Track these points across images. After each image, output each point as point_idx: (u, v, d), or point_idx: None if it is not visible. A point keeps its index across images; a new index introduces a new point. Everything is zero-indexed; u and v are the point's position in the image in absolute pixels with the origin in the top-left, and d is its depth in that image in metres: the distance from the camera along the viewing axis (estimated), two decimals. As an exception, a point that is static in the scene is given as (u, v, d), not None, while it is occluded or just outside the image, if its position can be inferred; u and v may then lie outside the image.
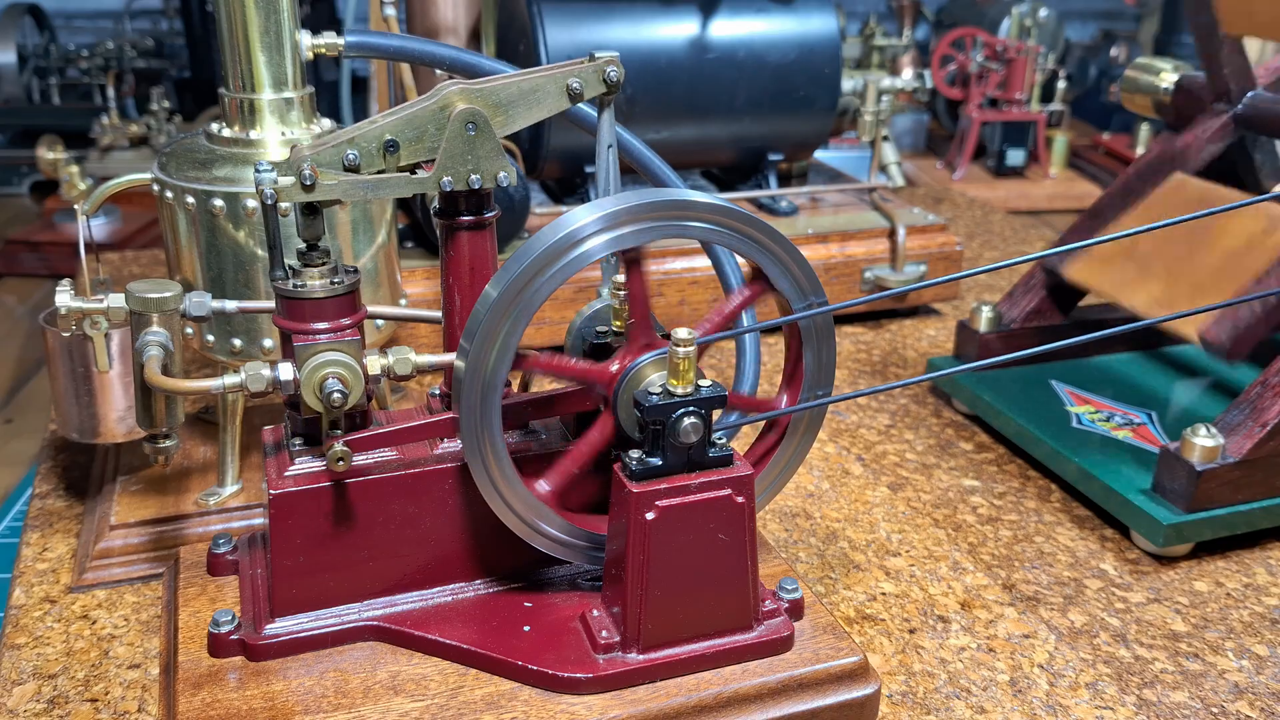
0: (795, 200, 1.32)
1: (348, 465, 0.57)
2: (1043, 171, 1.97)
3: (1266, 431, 0.78)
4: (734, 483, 0.57)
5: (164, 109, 1.78)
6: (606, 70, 0.59)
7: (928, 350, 1.19)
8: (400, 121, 0.57)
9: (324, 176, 0.55)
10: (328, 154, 0.55)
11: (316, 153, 0.55)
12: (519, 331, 0.54)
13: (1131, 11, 2.97)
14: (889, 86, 1.30)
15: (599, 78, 0.60)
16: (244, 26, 0.72)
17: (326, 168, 0.55)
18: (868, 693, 0.59)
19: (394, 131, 0.56)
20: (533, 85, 0.59)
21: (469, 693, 0.56)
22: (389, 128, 0.56)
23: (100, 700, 0.63)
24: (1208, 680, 0.67)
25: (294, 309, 0.57)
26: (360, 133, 0.56)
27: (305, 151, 0.55)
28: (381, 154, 0.56)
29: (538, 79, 0.59)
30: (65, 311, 0.67)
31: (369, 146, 0.56)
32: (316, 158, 0.55)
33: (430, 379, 1.03)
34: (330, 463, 0.56)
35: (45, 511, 0.82)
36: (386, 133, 0.56)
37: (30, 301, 1.41)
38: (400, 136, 0.57)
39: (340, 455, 0.56)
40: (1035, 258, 0.63)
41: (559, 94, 0.59)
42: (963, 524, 0.84)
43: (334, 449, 0.56)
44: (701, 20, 1.22)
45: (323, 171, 0.55)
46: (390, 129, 0.56)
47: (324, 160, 0.55)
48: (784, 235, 0.58)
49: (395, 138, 0.56)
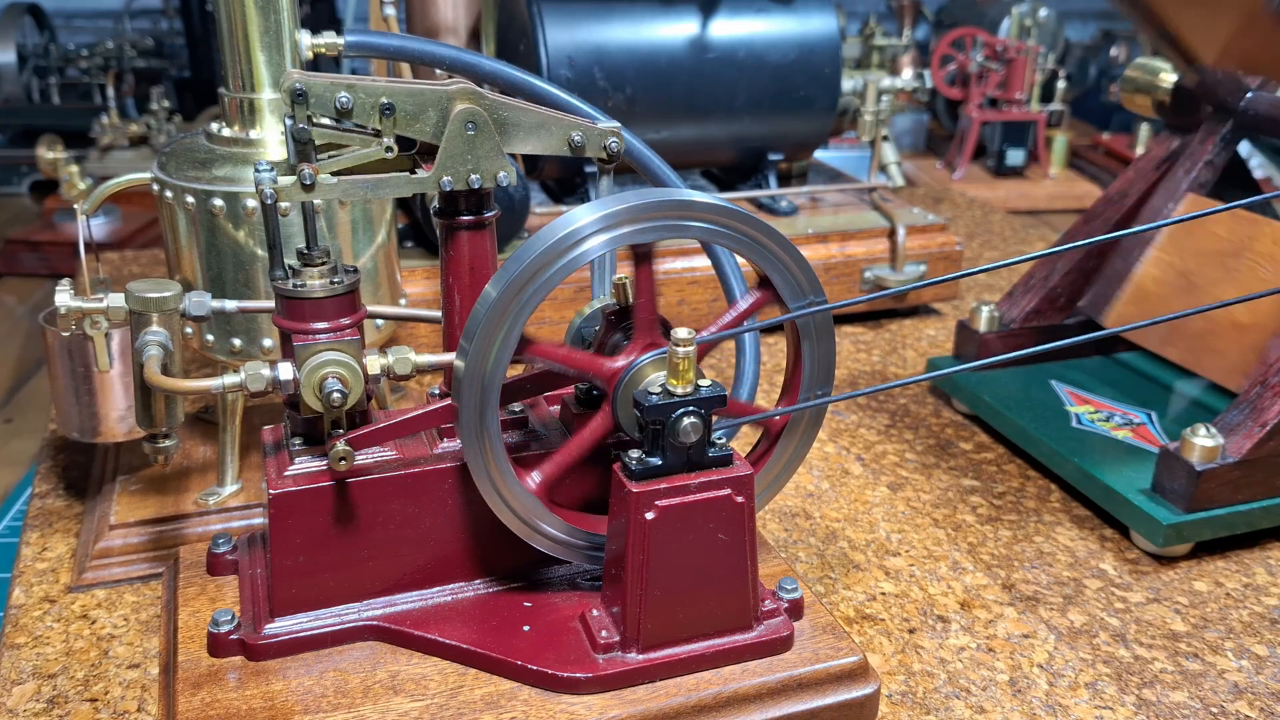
0: (795, 200, 1.32)
1: (350, 465, 0.56)
2: (1043, 171, 1.97)
3: (1266, 431, 0.78)
4: (734, 482, 0.57)
5: (164, 109, 1.78)
6: (607, 140, 0.60)
7: (928, 350, 1.19)
8: (405, 91, 0.56)
9: (324, 176, 0.55)
10: (320, 86, 0.54)
11: (309, 81, 0.54)
12: (518, 331, 0.54)
13: (1131, 11, 2.96)
14: (889, 86, 1.30)
15: (599, 143, 0.60)
16: (244, 26, 0.72)
17: (315, 102, 0.54)
18: (867, 692, 0.59)
19: (395, 96, 0.55)
20: (539, 121, 0.59)
21: (469, 692, 0.56)
22: (392, 91, 0.55)
23: (100, 700, 0.63)
24: (1207, 680, 0.67)
25: (294, 309, 0.57)
26: (361, 83, 0.55)
27: (295, 75, 0.54)
28: (376, 113, 0.55)
29: (546, 117, 0.59)
30: (65, 311, 0.67)
31: (365, 99, 0.55)
32: (307, 83, 0.54)
33: (430, 379, 1.03)
34: (332, 462, 0.56)
35: (45, 511, 0.82)
36: (387, 95, 0.55)
37: (30, 301, 1.41)
38: (400, 104, 0.55)
39: (342, 455, 0.56)
40: (1035, 257, 0.63)
41: (560, 140, 0.59)
42: (962, 524, 0.84)
43: (336, 448, 0.56)
44: (701, 20, 1.22)
45: (321, 170, 0.55)
46: (392, 93, 0.55)
47: (314, 91, 0.54)
48: (784, 235, 0.58)
49: (394, 103, 0.55)
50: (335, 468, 0.56)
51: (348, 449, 0.56)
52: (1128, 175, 1.04)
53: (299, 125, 0.54)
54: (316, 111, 0.55)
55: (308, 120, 0.55)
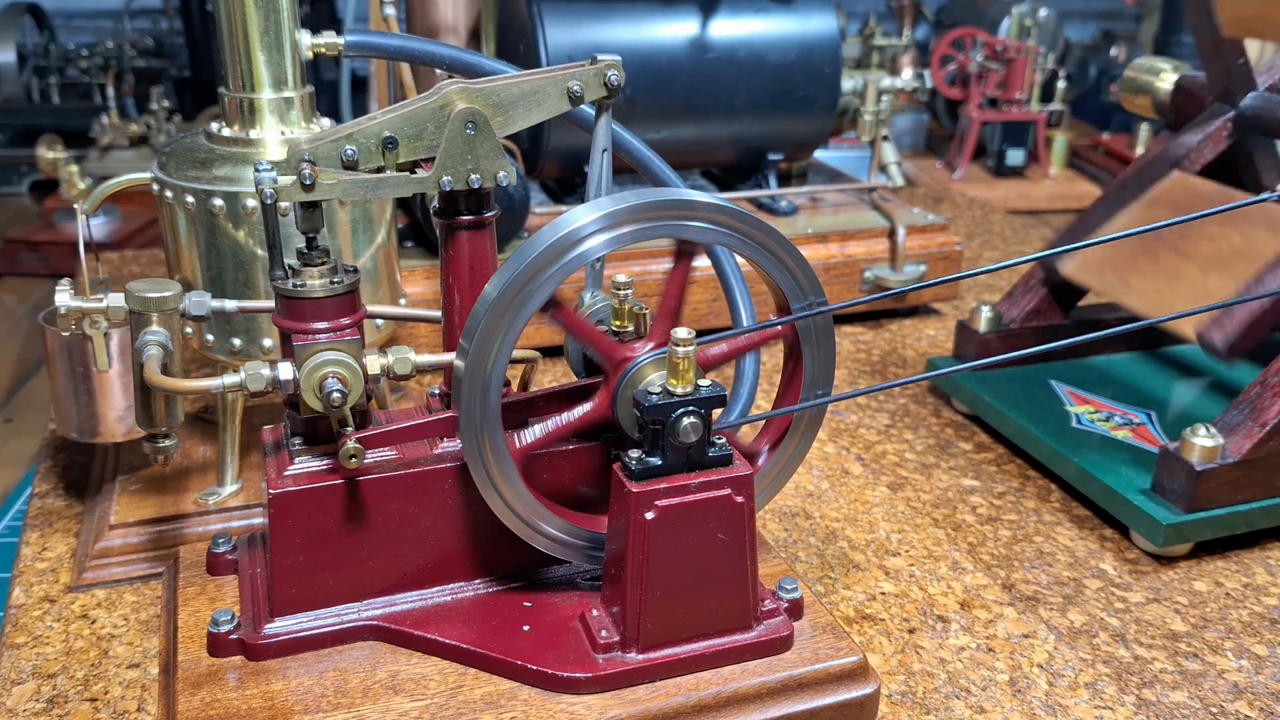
0: (795, 200, 1.32)
1: (360, 462, 0.57)
2: (1043, 171, 1.97)
3: (1266, 431, 0.78)
4: (733, 482, 0.57)
5: (164, 108, 1.78)
6: (607, 74, 0.59)
7: (927, 350, 1.19)
8: (399, 118, 0.56)
9: (324, 176, 0.55)
10: (326, 149, 0.55)
11: (315, 147, 0.55)
12: (518, 331, 0.54)
13: (1131, 11, 2.97)
14: (889, 86, 1.30)
15: (600, 81, 0.60)
16: (244, 26, 0.72)
17: (325, 164, 0.55)
18: (867, 692, 0.59)
19: (393, 128, 0.56)
20: (533, 87, 0.59)
21: (468, 692, 0.56)
22: (388, 124, 0.56)
23: (100, 700, 0.63)
24: (1207, 680, 0.67)
25: (294, 308, 0.57)
26: (359, 129, 0.56)
27: (303, 146, 0.55)
28: (380, 150, 0.56)
29: (538, 81, 0.59)
30: (65, 311, 0.67)
31: (368, 143, 0.56)
32: (315, 152, 0.55)
33: (430, 378, 1.03)
34: (343, 460, 0.56)
35: (45, 511, 0.82)
36: (385, 129, 0.56)
37: (30, 301, 1.41)
38: (399, 133, 0.56)
39: (353, 452, 0.56)
40: (1035, 258, 0.63)
41: (559, 96, 0.59)
42: (962, 524, 0.84)
43: (346, 446, 0.56)
44: (701, 20, 1.22)
45: (322, 171, 0.55)
46: (389, 126, 0.56)
47: (322, 155, 0.55)
48: (784, 235, 0.58)
49: (394, 134, 0.56)
50: (346, 465, 0.56)
51: (358, 446, 0.56)
52: (1127, 175, 1.04)
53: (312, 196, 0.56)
54: (326, 173, 0.55)
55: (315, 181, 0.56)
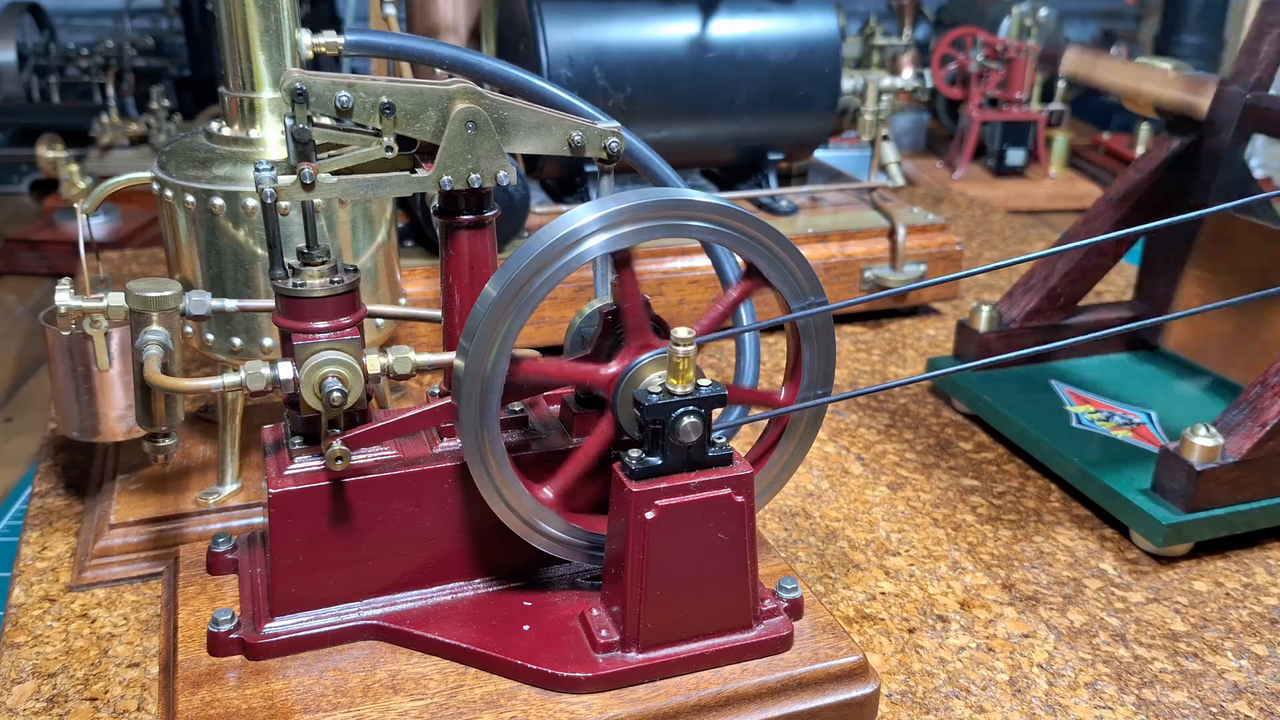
0: (795, 200, 1.32)
1: (346, 464, 0.56)
2: (1043, 171, 1.97)
3: (1266, 431, 0.78)
4: (733, 482, 0.57)
5: (164, 108, 1.78)
6: (608, 140, 0.60)
7: (927, 350, 1.19)
8: (405, 90, 0.56)
9: (324, 175, 0.55)
10: (321, 86, 0.54)
11: (310, 81, 0.54)
12: (518, 330, 0.54)
13: (1131, 11, 2.97)
14: (889, 86, 1.30)
15: (599, 143, 0.60)
16: (244, 25, 0.72)
17: (315, 100, 0.54)
18: (867, 692, 0.59)
19: (395, 95, 0.55)
20: (539, 120, 0.59)
21: (468, 692, 0.56)
22: (392, 90, 0.55)
23: (100, 699, 0.63)
24: (1207, 680, 0.67)
25: (294, 308, 0.57)
26: (361, 82, 0.55)
27: (295, 75, 0.54)
28: (376, 112, 0.55)
29: (546, 117, 0.59)
30: (65, 310, 0.67)
31: (365, 98, 0.55)
32: (307, 83, 0.54)
33: (430, 378, 1.03)
34: (329, 462, 0.56)
35: (45, 510, 0.82)
36: (387, 94, 0.55)
37: (30, 300, 1.41)
38: (400, 103, 0.56)
39: (339, 454, 0.56)
40: (1035, 257, 0.63)
41: (560, 140, 0.59)
42: (962, 524, 0.84)
43: (332, 448, 0.56)
44: (701, 20, 1.22)
45: (321, 170, 0.55)
46: (392, 92, 0.55)
47: (315, 90, 0.54)
48: (784, 235, 0.58)
49: (394, 102, 0.55)
50: (331, 467, 0.56)
51: (344, 449, 0.56)
52: (1128, 175, 1.04)
53: (299, 125, 0.54)
54: (317, 111, 0.55)
55: (308, 120, 0.55)
